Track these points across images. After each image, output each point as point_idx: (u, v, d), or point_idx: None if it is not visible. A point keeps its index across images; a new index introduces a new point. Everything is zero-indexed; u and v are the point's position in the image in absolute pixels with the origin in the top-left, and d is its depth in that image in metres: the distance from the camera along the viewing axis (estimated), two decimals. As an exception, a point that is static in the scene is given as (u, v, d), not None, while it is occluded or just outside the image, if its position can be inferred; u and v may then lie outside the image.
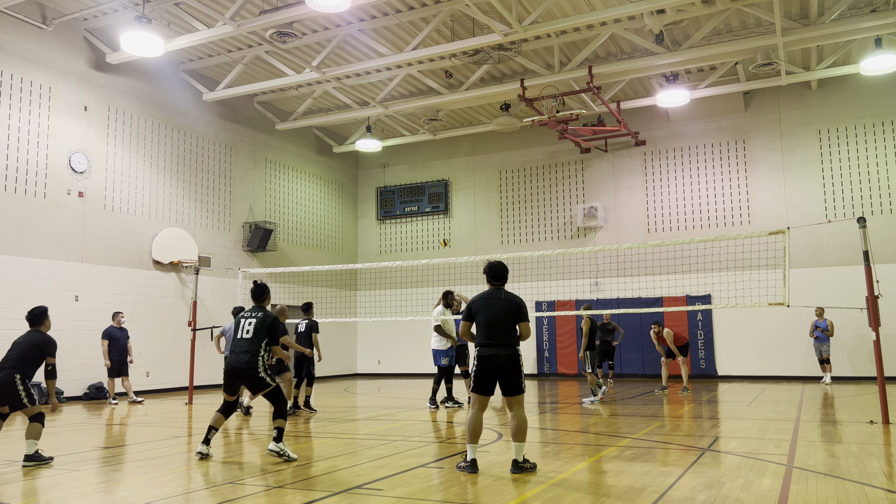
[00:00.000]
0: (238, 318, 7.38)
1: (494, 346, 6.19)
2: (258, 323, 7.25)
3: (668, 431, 8.79)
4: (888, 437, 8.02)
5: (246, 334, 7.25)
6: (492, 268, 6.53)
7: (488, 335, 6.23)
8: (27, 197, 13.87)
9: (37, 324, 7.52)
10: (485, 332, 6.25)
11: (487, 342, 6.22)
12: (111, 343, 13.77)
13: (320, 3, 11.39)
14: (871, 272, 9.27)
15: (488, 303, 6.34)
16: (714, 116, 19.09)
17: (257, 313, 7.36)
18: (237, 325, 7.34)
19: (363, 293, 22.85)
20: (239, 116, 19.05)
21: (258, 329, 7.23)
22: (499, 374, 6.21)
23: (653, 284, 18.39)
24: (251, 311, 7.43)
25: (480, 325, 6.30)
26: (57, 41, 14.60)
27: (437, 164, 22.51)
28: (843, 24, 13.82)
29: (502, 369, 6.19)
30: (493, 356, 6.19)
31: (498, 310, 6.28)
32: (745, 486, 5.52)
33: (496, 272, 6.51)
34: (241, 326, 7.29)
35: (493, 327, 6.23)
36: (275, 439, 7.04)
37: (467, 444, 6.21)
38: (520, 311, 6.35)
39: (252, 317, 7.32)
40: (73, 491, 5.80)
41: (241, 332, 7.26)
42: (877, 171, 17.41)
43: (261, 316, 7.31)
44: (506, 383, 6.23)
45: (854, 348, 16.95)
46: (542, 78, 16.30)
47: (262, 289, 7.59)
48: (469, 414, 6.28)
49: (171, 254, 16.44)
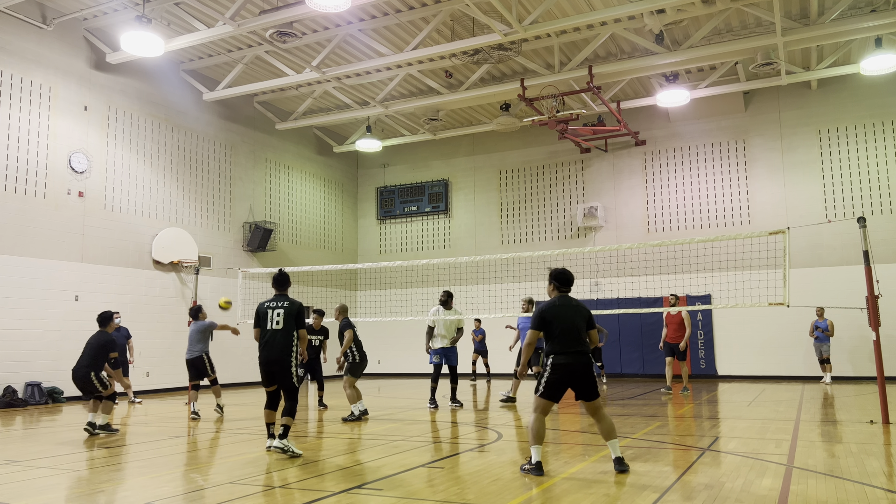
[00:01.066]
0: (264, 309, 7.38)
1: (571, 355, 6.10)
2: (286, 312, 7.31)
3: (668, 431, 8.78)
4: (888, 437, 8.02)
5: (276, 325, 7.29)
6: (561, 274, 6.43)
7: (564, 343, 6.11)
8: (27, 197, 13.86)
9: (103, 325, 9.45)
10: (560, 340, 6.12)
11: (564, 350, 6.10)
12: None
13: (320, 2, 11.39)
14: (871, 272, 9.27)
15: (562, 311, 6.21)
16: (714, 116, 19.08)
17: (283, 302, 7.40)
18: (263, 315, 7.35)
19: (363, 293, 22.85)
20: (239, 116, 19.05)
21: (287, 318, 7.29)
22: (574, 381, 6.11)
23: (653, 284, 18.38)
24: (276, 300, 7.45)
25: (555, 333, 6.14)
26: (57, 41, 14.60)
27: (437, 164, 22.51)
28: (843, 24, 13.82)
29: (578, 377, 6.10)
30: (571, 364, 6.08)
31: (573, 317, 6.20)
32: (745, 486, 5.52)
33: (566, 279, 6.43)
34: (270, 318, 7.32)
35: (570, 335, 6.13)
36: (280, 436, 7.06)
37: (532, 446, 6.07)
38: (591, 318, 6.33)
39: (279, 307, 7.35)
40: (73, 491, 5.80)
41: (271, 324, 7.30)
42: (877, 171, 17.41)
43: (287, 305, 7.36)
44: (584, 390, 6.13)
45: (854, 348, 16.94)
46: (542, 78, 16.30)
47: (286, 277, 7.65)
48: (532, 417, 6.14)
49: (171, 254, 16.44)
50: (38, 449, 8.04)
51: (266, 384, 7.46)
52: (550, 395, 6.11)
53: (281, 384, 7.35)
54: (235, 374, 18.00)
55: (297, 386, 7.33)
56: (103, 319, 9.42)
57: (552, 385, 6.10)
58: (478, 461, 6.91)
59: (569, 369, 6.07)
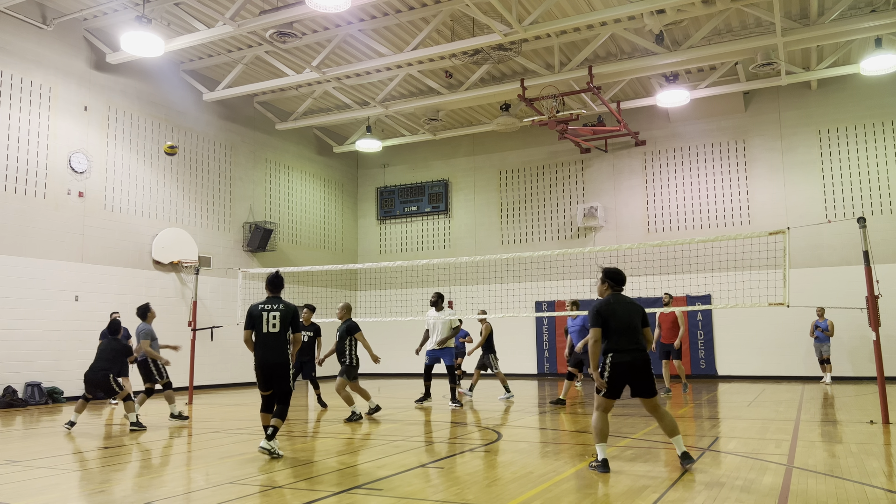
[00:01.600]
0: (259, 311, 7.34)
1: (630, 352, 6.14)
2: (282, 315, 7.30)
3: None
4: (888, 437, 8.02)
5: (273, 328, 7.27)
6: (616, 273, 6.45)
7: (621, 341, 6.15)
8: (27, 197, 13.86)
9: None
10: (618, 338, 6.15)
11: (622, 348, 6.14)
12: None
13: (320, 3, 11.39)
14: (871, 272, 9.27)
15: (618, 308, 6.25)
16: (714, 116, 19.08)
17: (278, 305, 7.38)
18: (258, 318, 7.31)
19: (363, 293, 22.85)
20: (239, 116, 19.05)
21: (283, 321, 7.28)
22: (633, 378, 6.16)
23: (653, 284, 18.36)
24: (270, 301, 7.42)
25: (613, 330, 6.16)
26: (57, 41, 14.60)
27: (437, 164, 22.51)
28: (843, 24, 13.82)
29: (638, 373, 6.15)
30: (630, 362, 6.12)
31: (629, 314, 6.25)
32: (745, 485, 5.51)
33: (620, 278, 6.45)
34: (265, 320, 7.28)
35: (627, 333, 6.17)
36: (268, 437, 7.05)
37: (597, 444, 6.16)
38: (646, 316, 6.37)
39: (275, 309, 7.33)
40: (73, 491, 5.80)
41: (267, 327, 7.27)
42: (877, 171, 17.41)
43: (283, 308, 7.35)
44: (642, 387, 6.18)
45: (854, 348, 16.94)
46: (542, 78, 16.30)
47: (280, 279, 7.64)
48: (595, 416, 6.24)
49: (171, 254, 16.44)
50: (38, 449, 8.04)
51: (263, 388, 7.39)
52: (612, 394, 6.21)
53: (278, 387, 7.32)
54: (235, 374, 18.01)
55: (292, 389, 7.35)
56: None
57: (613, 381, 6.16)
58: (478, 461, 6.91)
59: (629, 366, 6.12)
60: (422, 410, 11.63)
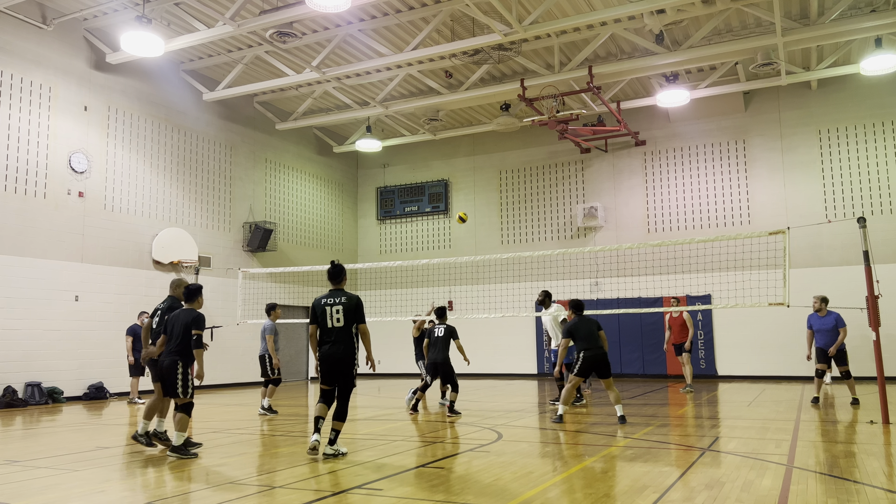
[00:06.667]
0: (322, 305, 7.06)
1: (592, 349, 9.52)
2: (346, 309, 7.03)
3: (668, 431, 8.78)
4: (888, 437, 8.02)
5: (337, 323, 7.01)
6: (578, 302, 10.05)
7: (587, 344, 9.56)
8: (27, 197, 13.87)
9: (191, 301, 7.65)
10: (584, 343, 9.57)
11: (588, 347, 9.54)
12: (135, 340, 13.42)
13: (320, 3, 11.39)
14: (871, 272, 9.27)
15: (580, 324, 9.74)
16: (714, 116, 19.08)
17: (341, 297, 7.10)
18: (321, 312, 7.04)
19: (363, 293, 22.82)
20: (239, 116, 19.05)
21: (347, 314, 7.02)
22: (596, 365, 9.54)
23: (653, 284, 18.38)
24: (333, 294, 7.14)
25: (581, 338, 9.61)
26: (57, 41, 14.60)
27: (437, 164, 22.51)
28: (843, 24, 13.82)
29: (598, 363, 9.54)
30: (593, 355, 9.51)
31: (588, 327, 9.70)
32: (745, 486, 5.51)
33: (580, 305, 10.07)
34: (329, 315, 7.02)
35: (589, 339, 9.61)
36: (330, 441, 6.94)
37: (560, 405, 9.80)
38: (600, 326, 9.79)
39: (338, 303, 7.05)
40: (73, 491, 5.80)
41: (331, 321, 7.01)
42: (877, 171, 17.41)
43: (345, 301, 7.08)
44: (601, 371, 9.58)
45: (854, 348, 16.85)
46: (542, 78, 16.30)
47: (340, 269, 7.31)
48: (567, 387, 9.80)
49: (171, 254, 16.44)
50: (38, 449, 8.04)
51: (326, 382, 7.12)
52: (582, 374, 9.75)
53: (341, 384, 7.06)
54: (234, 374, 18.01)
55: (354, 386, 7.12)
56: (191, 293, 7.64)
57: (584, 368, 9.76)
58: (478, 461, 6.91)
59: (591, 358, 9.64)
60: (421, 411, 11.63)
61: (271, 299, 19.18)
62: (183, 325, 7.40)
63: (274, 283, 19.38)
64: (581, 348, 9.50)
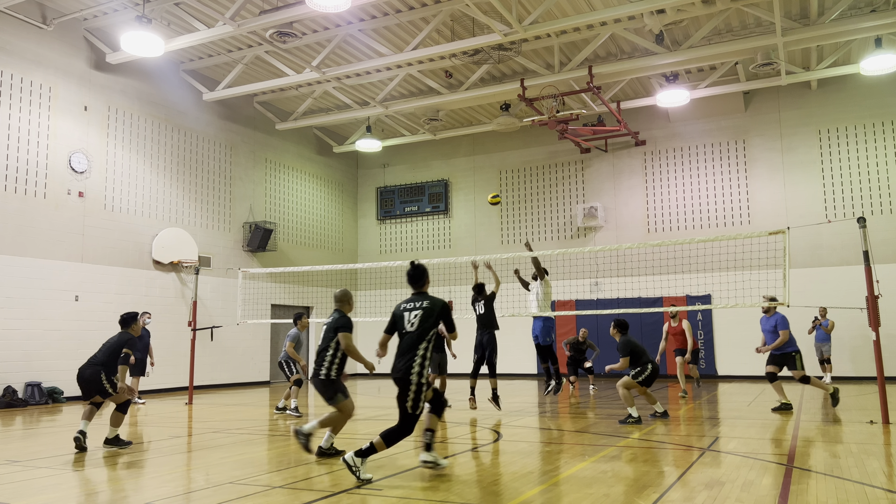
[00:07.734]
0: (400, 311, 6.23)
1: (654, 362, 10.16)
2: (424, 313, 6.00)
3: (668, 431, 8.78)
4: (888, 437, 8.02)
5: (410, 327, 6.03)
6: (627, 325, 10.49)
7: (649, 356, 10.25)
8: (27, 197, 13.86)
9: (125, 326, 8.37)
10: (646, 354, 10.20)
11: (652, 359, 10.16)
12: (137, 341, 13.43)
13: (320, 3, 11.39)
14: (871, 272, 9.27)
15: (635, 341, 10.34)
16: (714, 116, 19.08)
17: (421, 302, 6.12)
18: (399, 319, 6.20)
19: (363, 293, 22.84)
20: (239, 116, 19.05)
21: (425, 319, 5.98)
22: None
23: (653, 284, 18.38)
24: (413, 300, 6.20)
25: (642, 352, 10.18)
26: (57, 41, 14.60)
27: (437, 164, 22.51)
28: (843, 24, 13.82)
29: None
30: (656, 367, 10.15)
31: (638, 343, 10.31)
32: (745, 485, 5.51)
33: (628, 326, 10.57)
34: (406, 320, 6.12)
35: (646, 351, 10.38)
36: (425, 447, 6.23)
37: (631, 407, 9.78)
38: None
39: (417, 307, 6.08)
40: (73, 491, 5.80)
41: (407, 327, 6.09)
42: (877, 171, 17.41)
43: (426, 305, 6.08)
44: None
45: (855, 348, 16.94)
46: (542, 78, 16.30)
47: (420, 271, 6.33)
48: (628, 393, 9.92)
49: (171, 254, 16.44)
50: (38, 449, 8.05)
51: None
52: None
53: (399, 402, 5.93)
54: (234, 374, 18.01)
55: (413, 412, 5.86)
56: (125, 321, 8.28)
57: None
58: (478, 461, 6.91)
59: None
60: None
61: (271, 300, 19.22)
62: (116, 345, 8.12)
63: (274, 283, 19.38)
64: (648, 360, 9.97)
